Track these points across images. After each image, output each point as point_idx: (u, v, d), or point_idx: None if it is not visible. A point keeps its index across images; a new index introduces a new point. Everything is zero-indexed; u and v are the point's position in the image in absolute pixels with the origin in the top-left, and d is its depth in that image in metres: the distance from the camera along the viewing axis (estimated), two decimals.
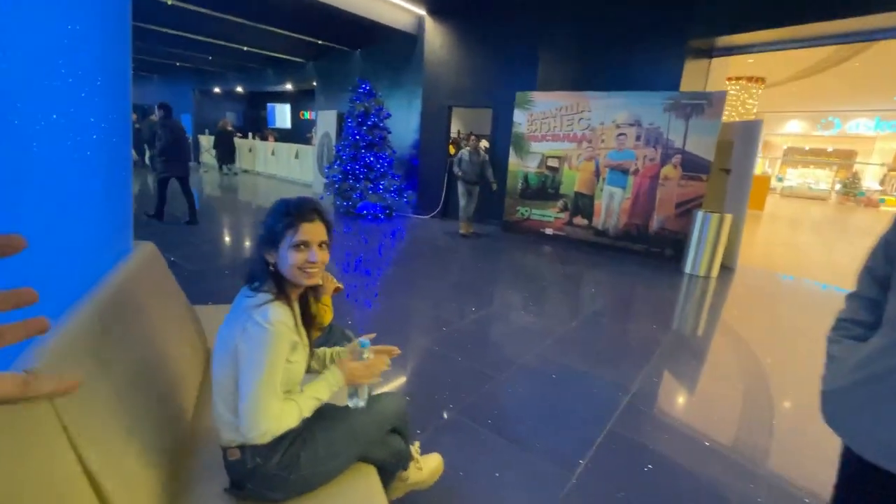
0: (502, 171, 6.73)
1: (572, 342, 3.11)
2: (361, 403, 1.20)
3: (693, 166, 5.29)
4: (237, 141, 12.63)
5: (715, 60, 6.62)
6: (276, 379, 1.00)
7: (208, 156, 13.40)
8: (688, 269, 5.08)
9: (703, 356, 3.20)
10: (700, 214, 4.97)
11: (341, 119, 8.46)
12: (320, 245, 1.09)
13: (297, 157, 11.31)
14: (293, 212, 1.06)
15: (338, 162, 7.40)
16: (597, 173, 5.95)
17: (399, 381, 2.49)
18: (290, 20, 7.41)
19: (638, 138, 5.57)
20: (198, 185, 10.33)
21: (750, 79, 10.84)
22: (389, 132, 7.33)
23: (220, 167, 12.39)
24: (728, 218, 4.90)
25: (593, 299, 4.24)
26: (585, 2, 6.16)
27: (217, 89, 14.76)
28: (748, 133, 5.23)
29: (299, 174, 11.18)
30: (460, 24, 7.04)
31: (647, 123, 5.47)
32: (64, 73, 1.05)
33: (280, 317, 1.00)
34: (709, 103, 5.10)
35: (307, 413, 1.07)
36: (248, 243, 5.62)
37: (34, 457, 0.66)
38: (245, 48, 9.61)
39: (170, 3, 6.41)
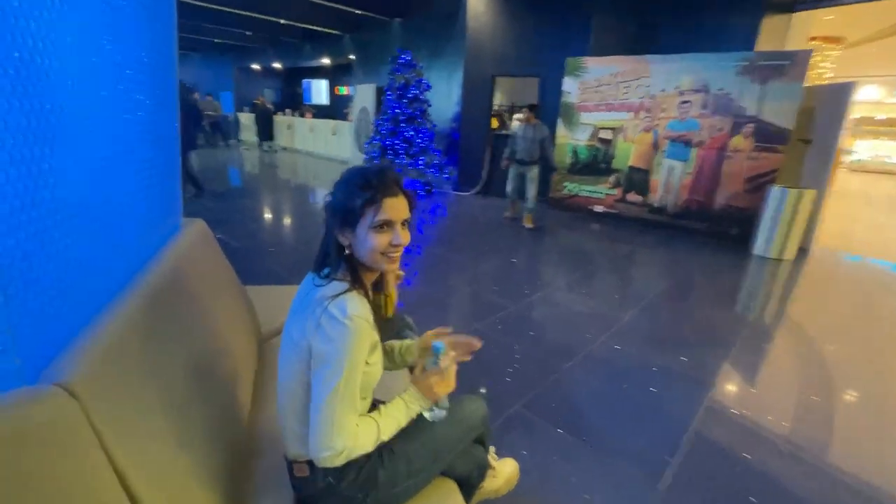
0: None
1: (637, 330, 2.86)
2: (443, 413, 1.03)
3: (768, 136, 4.76)
4: (277, 118, 12.68)
5: (795, 17, 5.89)
6: (356, 387, 0.84)
7: (248, 133, 13.55)
8: (758, 250, 4.64)
9: (789, 349, 2.87)
10: (776, 190, 4.48)
11: (380, 93, 8.22)
12: (403, 224, 0.91)
13: (334, 133, 11.22)
14: (374, 184, 0.86)
15: (377, 137, 7.22)
16: (655, 145, 5.50)
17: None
18: None
19: (704, 106, 5.06)
20: (238, 162, 10.46)
21: (826, 38, 9.73)
22: (430, 105, 7.06)
23: (261, 144, 12.52)
24: (809, 194, 4.39)
25: (654, 282, 3.93)
26: None
27: (256, 66, 14.79)
28: (835, 98, 4.63)
29: (337, 150, 11.11)
30: None
31: (716, 89, 4.94)
32: (110, 49, 0.90)
33: (359, 311, 0.84)
34: (792, 63, 4.53)
35: (386, 437, 0.91)
36: (288, 220, 5.59)
37: (65, 474, 0.52)
38: (282, 21, 9.47)
39: None
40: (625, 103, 5.61)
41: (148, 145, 1.05)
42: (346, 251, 0.90)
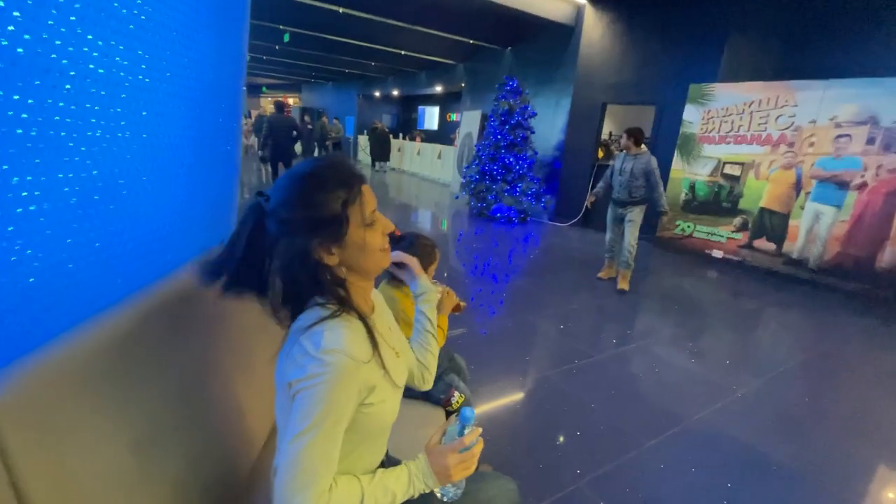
0: (664, 179, 5.74)
1: (756, 409, 2.29)
2: (457, 493, 0.82)
3: None
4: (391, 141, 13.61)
5: None
6: (333, 436, 0.67)
7: (363, 154, 14.69)
8: None
9: None
10: None
11: (485, 119, 8.30)
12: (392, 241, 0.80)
13: (439, 157, 11.61)
14: (347, 174, 0.71)
15: (476, 161, 7.23)
16: (797, 186, 4.62)
17: (507, 423, 2.07)
18: (445, 20, 7.49)
19: (870, 141, 4.12)
20: None
21: None
22: (533, 132, 6.89)
23: (373, 164, 13.49)
24: None
25: (787, 350, 3.20)
26: None
27: (377, 93, 16.10)
28: None
29: (440, 174, 11.46)
30: (625, 11, 6.22)
31: (891, 121, 4.00)
32: (178, 48, 0.92)
33: (341, 343, 0.66)
34: None
35: None
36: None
37: None
38: (402, 52, 10.14)
39: (341, 11, 6.97)
40: (759, 135, 4.83)
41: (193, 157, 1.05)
42: (333, 274, 0.73)
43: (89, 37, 0.67)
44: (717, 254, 5.25)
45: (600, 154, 7.11)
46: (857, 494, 1.77)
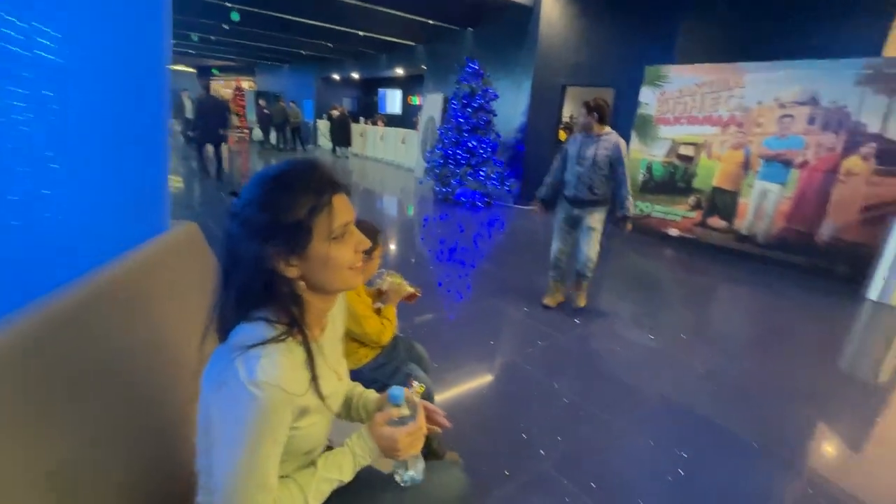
0: None
1: (709, 384, 2.40)
2: (416, 477, 0.81)
3: (894, 158, 3.95)
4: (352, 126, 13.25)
5: None
6: (267, 464, 0.64)
7: (324, 139, 14.26)
8: (874, 294, 3.83)
9: None
10: None
11: (447, 102, 8.19)
12: (355, 223, 0.71)
13: (403, 141, 11.41)
14: (317, 182, 0.65)
15: (439, 146, 7.15)
16: (746, 165, 4.82)
17: (472, 407, 2.07)
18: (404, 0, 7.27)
19: (812, 121, 4.34)
20: None
21: None
22: (495, 115, 6.85)
23: (334, 150, 13.12)
24: None
25: (735, 325, 3.36)
26: None
27: (336, 76, 15.57)
28: None
29: (404, 158, 11.28)
30: None
31: (828, 101, 4.22)
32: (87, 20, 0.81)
33: (276, 375, 0.61)
34: None
35: (315, 503, 0.71)
36: None
37: None
38: (361, 33, 9.81)
39: None
40: (711, 116, 4.99)
41: (119, 139, 0.95)
42: (292, 287, 0.67)
43: None
44: (674, 232, 5.45)
45: (562, 136, 7.18)
46: (801, 455, 1.88)
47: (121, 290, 0.86)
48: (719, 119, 4.94)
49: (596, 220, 2.95)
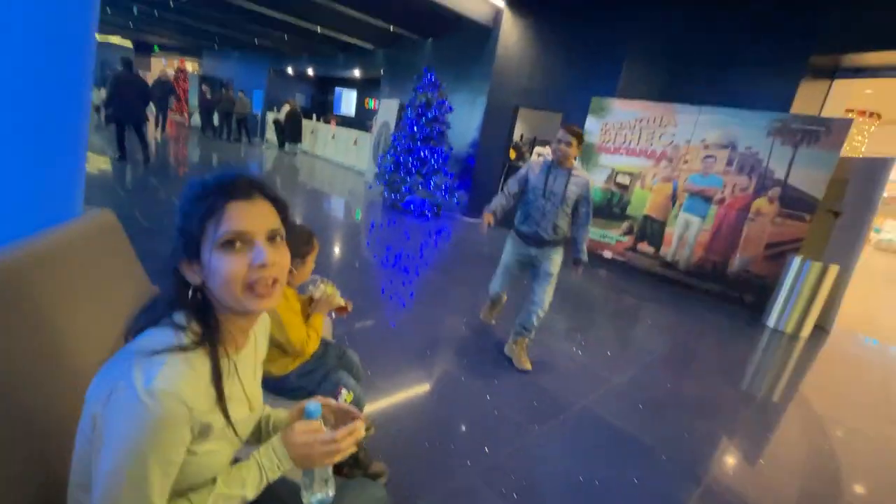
0: None
1: (626, 398, 2.56)
2: (325, 499, 0.77)
3: (794, 203, 4.48)
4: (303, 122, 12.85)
5: (835, 85, 5.68)
6: (149, 486, 0.58)
7: (271, 133, 13.70)
8: (771, 322, 4.30)
9: (794, 433, 2.53)
10: (797, 260, 4.18)
11: (403, 109, 8.19)
12: (270, 238, 0.65)
13: (355, 143, 11.23)
14: (213, 188, 0.63)
15: (392, 152, 7.12)
16: (673, 197, 5.24)
17: (403, 417, 2.07)
18: (365, 1, 7.22)
19: (730, 163, 4.82)
20: (258, 160, 10.49)
21: (863, 113, 9.48)
22: (449, 127, 6.96)
23: (282, 145, 12.65)
24: (833, 269, 4.08)
25: (655, 343, 3.62)
26: (688, 3, 5.46)
27: (290, 70, 15.08)
28: (871, 172, 4.36)
29: (355, 161, 11.09)
30: (540, 21, 6.54)
31: (744, 147, 4.71)
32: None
33: (178, 385, 0.57)
34: (827, 131, 4.29)
35: None
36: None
37: None
38: (319, 29, 9.59)
39: None
40: (646, 150, 5.40)
41: (34, 117, 0.86)
42: (197, 292, 0.65)
43: None
44: (608, 254, 5.79)
45: (512, 155, 7.42)
46: (703, 465, 2.06)
47: (13, 280, 0.77)
48: (653, 153, 5.35)
49: (556, 263, 2.63)
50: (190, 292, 0.65)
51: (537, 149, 8.19)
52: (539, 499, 1.67)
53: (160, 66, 18.31)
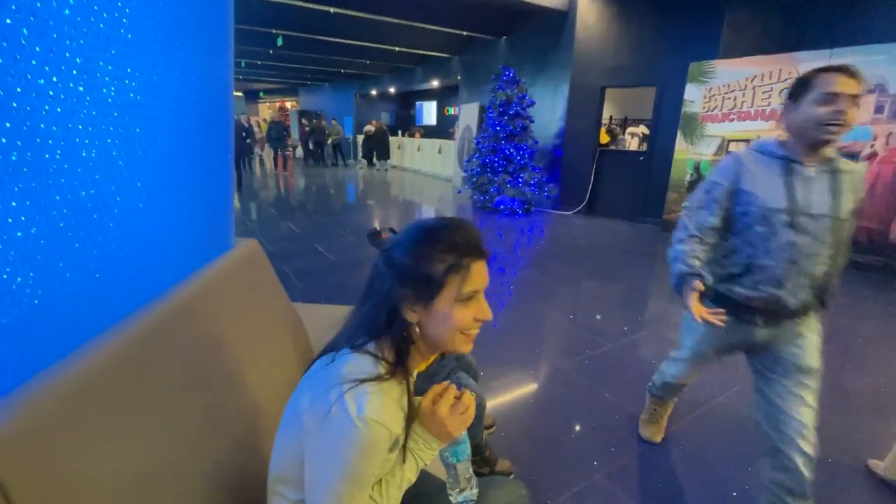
0: (667, 161, 5.68)
1: None
2: (470, 496, 0.81)
3: None
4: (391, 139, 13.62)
5: None
6: (365, 494, 0.70)
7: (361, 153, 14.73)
8: None
9: None
10: None
11: (483, 111, 8.23)
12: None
13: (440, 151, 11.57)
14: (460, 245, 0.70)
15: (476, 155, 7.18)
16: None
17: (520, 417, 2.05)
18: (437, 13, 7.41)
19: (879, 109, 4.02)
20: (354, 179, 11.32)
21: None
22: (532, 121, 6.82)
23: (370, 163, 13.54)
24: None
25: None
26: None
27: (374, 92, 16.05)
28: None
29: (441, 169, 11.42)
30: None
31: None
32: (164, 62, 0.91)
33: (382, 414, 0.66)
34: None
35: None
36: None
37: None
38: (396, 49, 10.08)
39: (332, 11, 6.93)
40: (763, 110, 4.74)
41: (193, 163, 1.04)
42: (404, 332, 0.72)
43: (67, 55, 0.66)
44: None
45: (604, 138, 7.03)
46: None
47: (198, 306, 0.93)
48: (773, 112, 4.68)
49: (814, 344, 1.33)
50: (403, 331, 0.72)
51: (630, 129, 7.66)
52: (678, 502, 1.54)
53: (265, 110, 20.72)
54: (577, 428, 1.95)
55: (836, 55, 4.22)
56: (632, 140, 7.40)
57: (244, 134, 9.27)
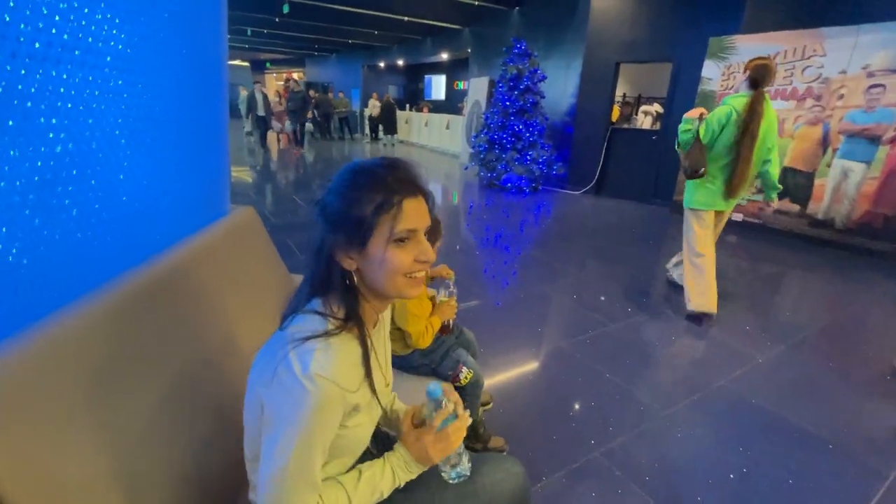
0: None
1: (775, 379, 2.23)
2: (463, 472, 0.80)
3: None
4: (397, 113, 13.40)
5: None
6: (313, 462, 0.64)
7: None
8: None
9: None
10: None
11: (493, 86, 8.02)
12: (428, 232, 0.69)
13: (448, 127, 11.37)
14: (390, 183, 0.64)
15: (485, 130, 7.04)
16: (824, 143, 4.38)
17: (519, 395, 2.05)
18: None
19: None
20: (360, 153, 11.18)
21: None
22: (543, 97, 6.64)
23: (374, 137, 13.36)
24: None
25: (805, 316, 3.10)
26: None
27: (382, 64, 15.68)
28: None
29: (449, 144, 11.24)
30: None
31: None
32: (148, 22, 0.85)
33: (330, 369, 0.61)
34: None
35: None
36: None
37: None
38: (406, 18, 9.78)
39: None
40: (784, 90, 4.56)
41: (185, 126, 0.99)
42: (349, 279, 0.68)
43: (62, 6, 0.61)
44: (737, 217, 5.07)
45: (615, 116, 6.85)
46: (885, 459, 1.71)
47: (191, 272, 0.90)
48: (794, 92, 4.51)
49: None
50: (345, 279, 0.68)
51: (643, 107, 7.44)
52: (674, 482, 1.54)
53: (272, 80, 20.37)
54: (576, 406, 1.94)
55: (864, 31, 4.02)
56: (645, 119, 7.20)
57: (303, 100, 11.03)
